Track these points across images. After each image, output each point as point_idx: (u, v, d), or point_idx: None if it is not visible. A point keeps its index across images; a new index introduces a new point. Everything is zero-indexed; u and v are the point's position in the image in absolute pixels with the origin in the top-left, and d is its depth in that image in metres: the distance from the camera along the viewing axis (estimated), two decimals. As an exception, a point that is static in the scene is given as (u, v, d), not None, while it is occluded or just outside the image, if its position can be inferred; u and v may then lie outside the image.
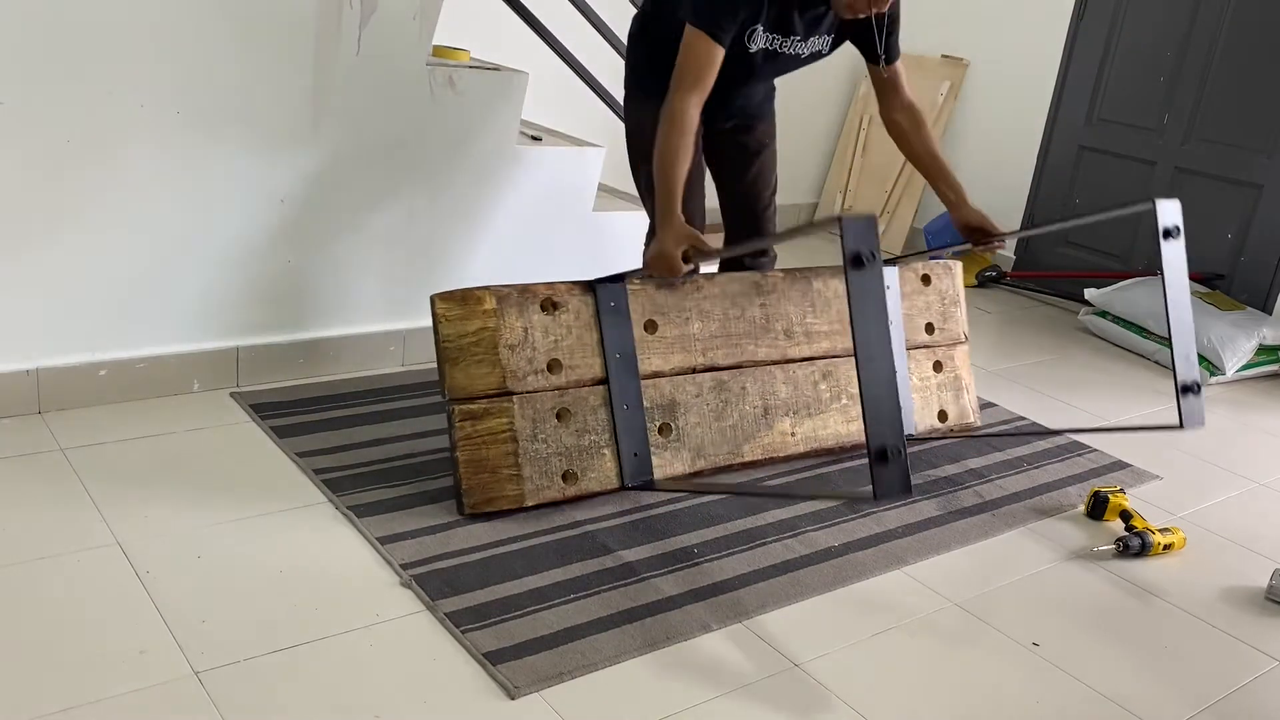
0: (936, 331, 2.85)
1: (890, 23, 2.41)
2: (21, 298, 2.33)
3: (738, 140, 2.66)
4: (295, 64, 2.48)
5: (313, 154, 2.59)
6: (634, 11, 3.18)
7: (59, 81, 2.22)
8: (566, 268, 3.15)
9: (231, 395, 2.61)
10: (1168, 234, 2.28)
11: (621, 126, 3.47)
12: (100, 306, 2.43)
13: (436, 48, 2.87)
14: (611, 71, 3.48)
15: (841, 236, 1.71)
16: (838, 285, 2.62)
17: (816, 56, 2.47)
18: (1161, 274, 2.25)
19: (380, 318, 2.87)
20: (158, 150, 2.38)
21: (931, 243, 4.74)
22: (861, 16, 2.30)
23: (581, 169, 3.07)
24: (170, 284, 2.50)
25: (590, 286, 2.30)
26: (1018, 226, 4.83)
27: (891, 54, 2.48)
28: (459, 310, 2.16)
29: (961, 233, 2.55)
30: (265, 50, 2.43)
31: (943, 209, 4.88)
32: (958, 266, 2.92)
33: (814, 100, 5.23)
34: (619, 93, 3.37)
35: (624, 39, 3.20)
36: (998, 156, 4.86)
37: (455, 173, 2.84)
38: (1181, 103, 4.32)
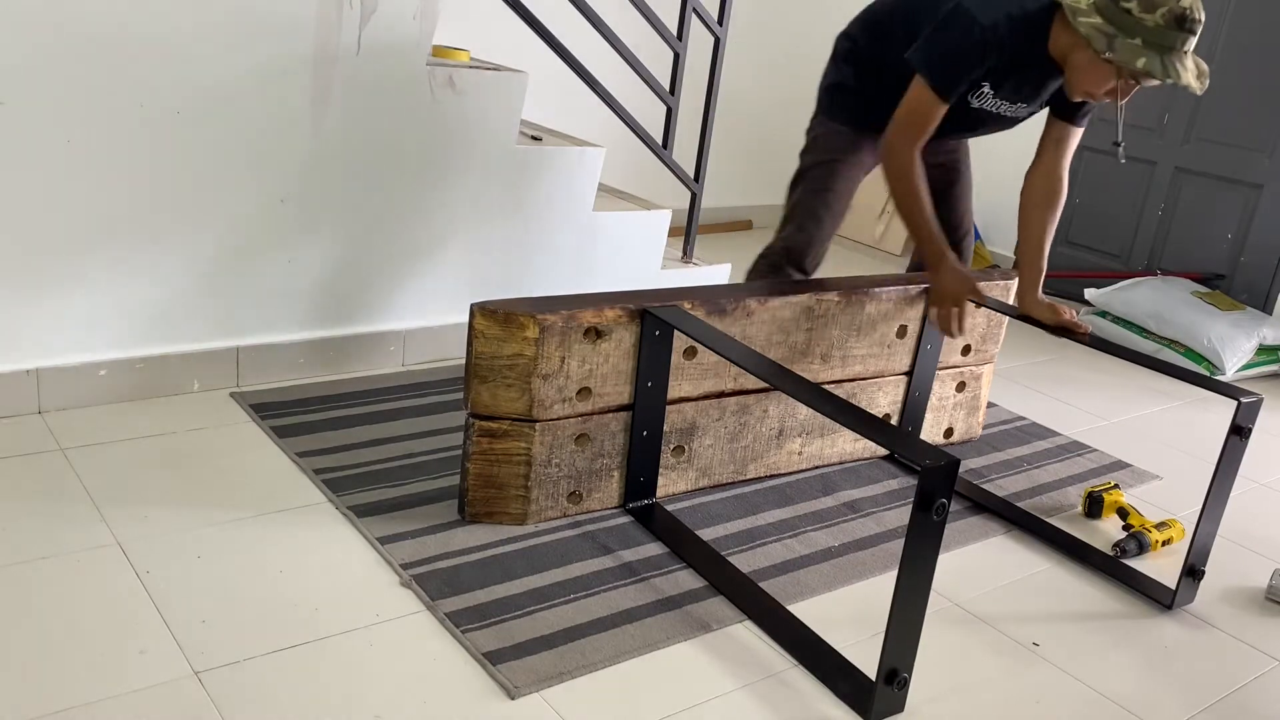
0: (972, 353, 2.80)
1: None
2: (22, 298, 2.33)
3: (938, 165, 2.66)
4: (295, 64, 2.48)
5: (313, 154, 2.59)
6: (626, 6, 3.19)
7: (59, 81, 2.22)
8: (566, 268, 3.15)
9: (231, 395, 2.61)
10: (1239, 431, 2.13)
11: (621, 127, 3.48)
12: (100, 306, 2.43)
13: (436, 48, 2.88)
14: (612, 72, 3.48)
15: (920, 479, 1.63)
16: (889, 307, 2.55)
17: (1025, 118, 2.49)
18: (1217, 470, 2.13)
19: (380, 317, 2.87)
20: (158, 150, 2.38)
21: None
22: (1094, 101, 2.30)
23: (581, 169, 3.07)
24: (170, 283, 2.51)
25: (639, 313, 2.18)
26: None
27: (1082, 118, 2.46)
28: (499, 330, 2.06)
29: (1023, 316, 2.49)
30: (265, 50, 2.43)
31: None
32: (1013, 284, 2.76)
33: (814, 99, 5.22)
34: (619, 93, 3.37)
35: (624, 38, 3.21)
36: (994, 158, 4.86)
37: (455, 173, 2.84)
38: (1181, 103, 4.32)
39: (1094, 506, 2.57)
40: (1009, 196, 2.54)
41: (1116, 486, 2.63)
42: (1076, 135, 2.49)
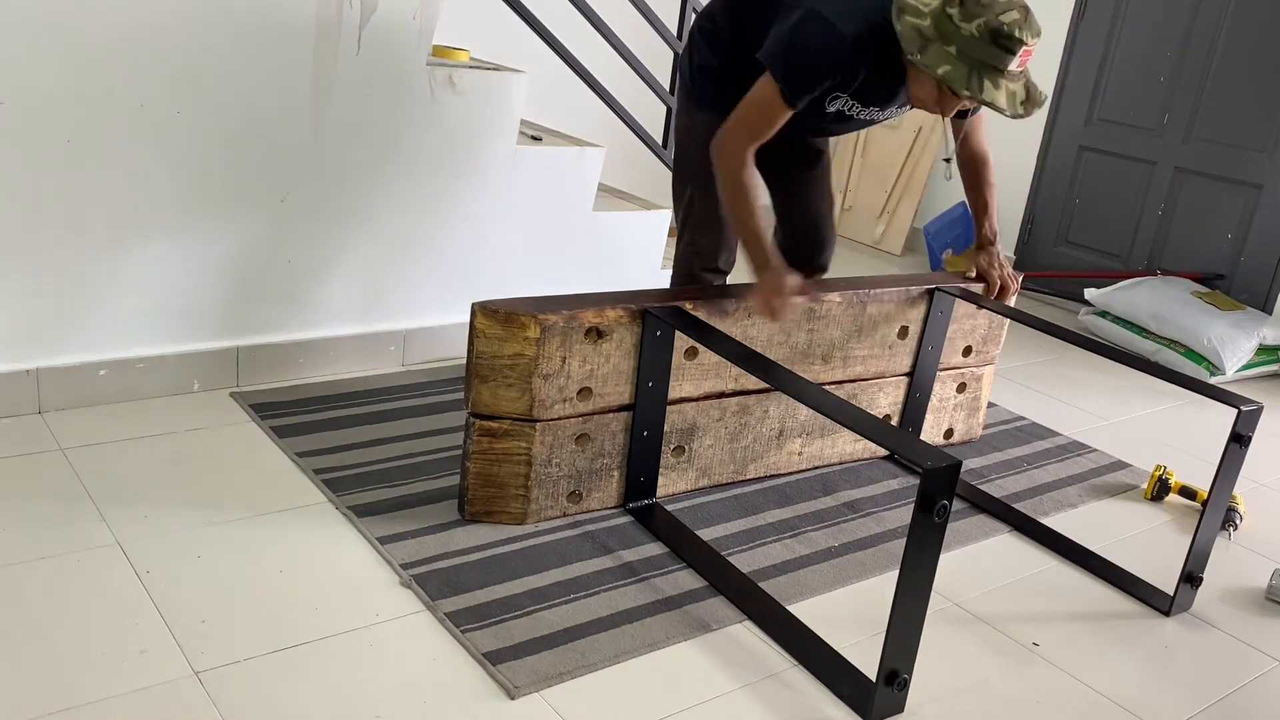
0: (973, 354, 2.80)
1: None
2: (21, 298, 2.33)
3: (800, 145, 2.58)
4: (295, 64, 2.49)
5: (313, 154, 2.59)
6: (626, 6, 3.19)
7: (59, 81, 2.22)
8: (566, 268, 3.15)
9: (231, 395, 2.61)
10: (1239, 439, 2.12)
11: (621, 127, 3.48)
12: (100, 306, 2.43)
13: (436, 48, 2.88)
14: (612, 72, 3.48)
15: (922, 480, 1.63)
16: (890, 309, 2.55)
17: (883, 120, 2.44)
18: (1217, 476, 2.13)
19: (380, 318, 2.87)
20: (158, 150, 2.38)
21: (932, 243, 4.74)
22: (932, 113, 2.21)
23: (581, 169, 3.07)
24: (170, 284, 2.51)
25: (641, 313, 2.17)
26: (1017, 226, 4.83)
27: (966, 115, 2.53)
28: (500, 330, 2.06)
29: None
30: (265, 50, 2.43)
31: (942, 210, 4.89)
32: (1016, 282, 2.74)
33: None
34: (619, 93, 3.37)
35: (624, 38, 3.21)
36: (997, 156, 4.84)
37: (455, 173, 2.84)
38: (1181, 103, 4.32)
39: (1162, 489, 2.70)
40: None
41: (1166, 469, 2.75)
42: (974, 123, 2.59)
